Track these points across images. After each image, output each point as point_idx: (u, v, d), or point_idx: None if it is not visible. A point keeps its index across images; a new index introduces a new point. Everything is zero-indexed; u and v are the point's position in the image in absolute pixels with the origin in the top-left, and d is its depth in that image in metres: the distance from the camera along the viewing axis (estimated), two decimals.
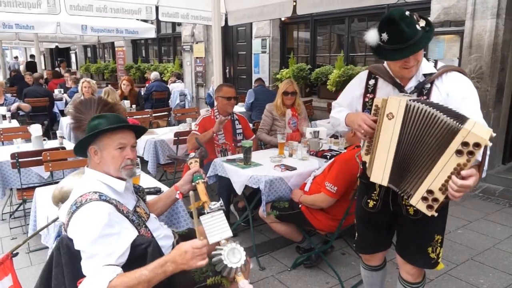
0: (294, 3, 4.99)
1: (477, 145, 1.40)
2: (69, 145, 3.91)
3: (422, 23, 1.64)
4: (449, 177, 1.47)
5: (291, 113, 4.10)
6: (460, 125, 1.43)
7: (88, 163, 1.68)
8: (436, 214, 1.57)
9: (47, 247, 2.33)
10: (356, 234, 2.14)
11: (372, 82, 1.91)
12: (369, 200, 1.95)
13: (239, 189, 3.06)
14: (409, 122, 1.60)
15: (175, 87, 8.72)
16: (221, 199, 1.73)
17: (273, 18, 7.32)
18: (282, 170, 2.99)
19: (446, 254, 3.17)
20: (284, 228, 2.93)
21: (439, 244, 1.87)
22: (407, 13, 1.62)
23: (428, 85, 1.76)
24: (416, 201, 1.59)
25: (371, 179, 1.77)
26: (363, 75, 1.97)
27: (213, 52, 4.74)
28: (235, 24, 6.74)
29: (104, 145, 1.60)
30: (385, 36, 1.63)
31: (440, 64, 1.81)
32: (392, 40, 1.62)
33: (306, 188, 2.84)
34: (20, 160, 3.31)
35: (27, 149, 3.63)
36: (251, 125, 4.21)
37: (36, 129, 3.89)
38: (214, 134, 3.61)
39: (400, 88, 1.81)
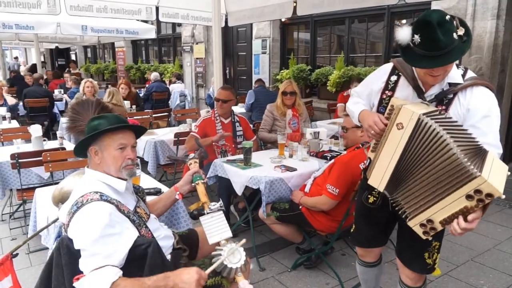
0: (295, 4, 4.99)
1: (490, 195, 1.33)
2: (69, 146, 3.91)
3: (461, 31, 1.49)
4: (453, 215, 1.43)
5: (292, 113, 4.10)
6: (477, 171, 1.34)
7: (88, 163, 1.69)
8: (431, 238, 1.56)
9: (47, 248, 2.32)
10: (354, 227, 2.13)
11: (394, 78, 1.80)
12: (369, 196, 1.95)
13: (239, 190, 3.05)
14: (416, 139, 1.51)
15: (175, 88, 8.72)
16: (221, 199, 1.73)
17: (273, 19, 7.32)
18: (283, 170, 2.99)
19: (446, 255, 3.17)
20: (284, 229, 2.93)
21: (436, 250, 1.85)
22: (448, 17, 1.46)
23: (451, 96, 1.65)
24: (414, 224, 1.56)
25: (369, 182, 1.76)
26: (386, 68, 1.85)
27: (213, 52, 4.74)
28: (235, 25, 6.75)
29: (104, 146, 1.60)
30: (417, 38, 1.48)
31: (469, 74, 1.69)
32: (424, 45, 1.48)
33: (306, 189, 2.84)
34: (20, 160, 3.31)
35: (27, 150, 3.62)
36: (251, 125, 4.21)
37: (36, 130, 3.89)
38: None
39: (420, 94, 1.70)
